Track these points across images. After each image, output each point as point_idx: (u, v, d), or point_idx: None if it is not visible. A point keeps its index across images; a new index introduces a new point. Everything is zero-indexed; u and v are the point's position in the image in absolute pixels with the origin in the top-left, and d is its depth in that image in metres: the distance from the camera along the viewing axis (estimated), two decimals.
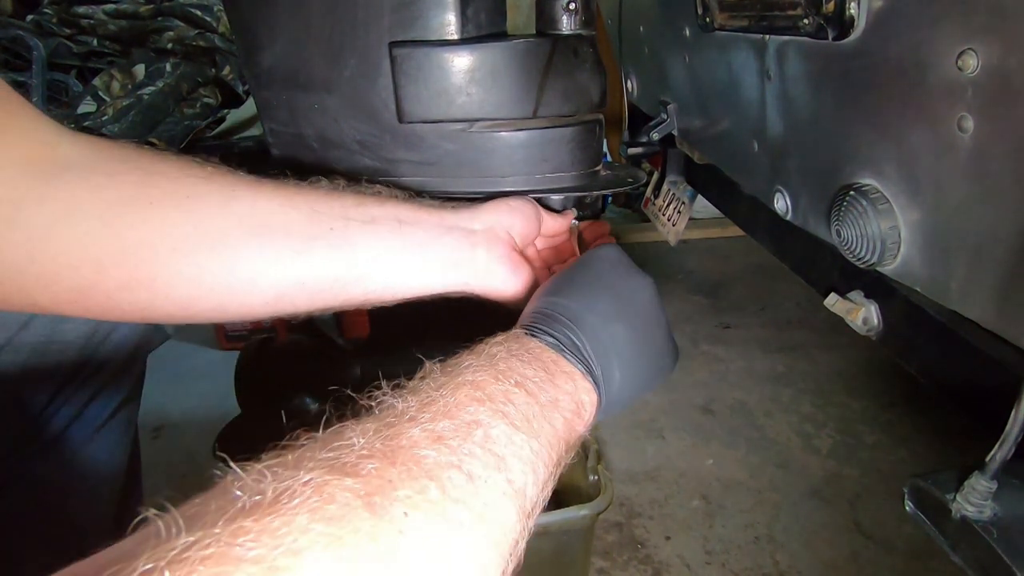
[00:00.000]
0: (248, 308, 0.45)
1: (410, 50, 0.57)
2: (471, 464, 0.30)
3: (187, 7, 2.13)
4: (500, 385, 0.35)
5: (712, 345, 1.69)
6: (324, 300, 0.48)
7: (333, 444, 0.28)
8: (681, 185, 1.12)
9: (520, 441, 0.33)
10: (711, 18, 0.65)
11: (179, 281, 0.42)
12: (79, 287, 0.40)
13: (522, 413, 0.34)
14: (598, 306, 0.44)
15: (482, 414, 0.33)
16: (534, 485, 0.33)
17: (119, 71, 2.02)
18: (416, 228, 0.50)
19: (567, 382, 0.39)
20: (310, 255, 0.45)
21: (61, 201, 0.39)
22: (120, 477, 0.71)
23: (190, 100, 2.04)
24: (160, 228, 0.41)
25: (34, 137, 0.40)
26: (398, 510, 0.25)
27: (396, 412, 0.31)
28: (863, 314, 0.56)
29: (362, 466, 0.26)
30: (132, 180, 0.41)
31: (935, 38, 0.39)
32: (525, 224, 0.55)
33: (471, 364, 0.37)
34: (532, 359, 0.39)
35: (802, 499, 1.20)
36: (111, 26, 2.14)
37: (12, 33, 2.03)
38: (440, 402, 0.32)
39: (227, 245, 0.43)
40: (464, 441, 0.31)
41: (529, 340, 0.41)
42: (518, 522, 0.31)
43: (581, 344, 0.42)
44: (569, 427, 0.38)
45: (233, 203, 0.44)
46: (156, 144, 1.91)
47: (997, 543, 0.36)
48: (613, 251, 0.49)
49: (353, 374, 0.72)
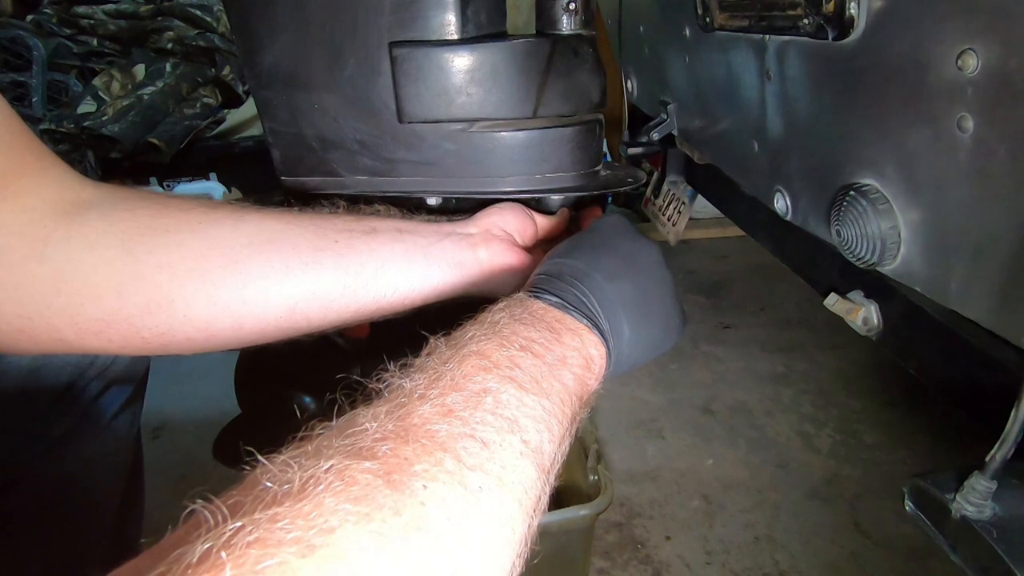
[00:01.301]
0: (264, 324, 0.47)
1: (410, 50, 0.57)
2: (484, 431, 0.31)
3: (187, 7, 2.13)
4: (505, 351, 0.36)
5: (712, 345, 1.69)
6: (337, 311, 0.49)
7: (348, 431, 0.29)
8: (681, 185, 1.12)
9: (531, 402, 0.34)
10: (711, 18, 0.65)
11: (196, 300, 0.44)
12: (102, 316, 0.42)
13: (530, 375, 0.35)
14: (602, 263, 0.44)
15: (490, 381, 0.33)
16: (550, 442, 0.34)
17: (119, 71, 2.02)
18: (416, 235, 0.52)
19: (573, 338, 0.40)
20: (318, 265, 0.47)
21: (84, 236, 0.42)
22: (123, 477, 0.71)
23: (190, 100, 2.04)
24: (176, 251, 0.43)
25: (61, 181, 0.43)
26: (417, 483, 0.27)
27: (405, 392, 0.32)
28: (863, 314, 0.56)
29: (377, 448, 0.28)
30: (149, 212, 0.44)
31: (935, 38, 0.39)
32: (519, 221, 0.57)
33: (474, 334, 0.37)
34: (535, 320, 0.39)
35: (802, 499, 1.20)
36: (111, 26, 2.14)
37: (12, 33, 2.03)
38: (447, 376, 0.33)
39: (238, 262, 0.45)
40: (475, 410, 0.31)
41: (532, 302, 0.42)
42: (538, 479, 0.32)
43: (587, 299, 0.42)
44: (580, 382, 0.39)
45: (242, 225, 0.46)
46: (156, 144, 1.91)
47: (997, 543, 0.36)
48: (617, 218, 0.50)
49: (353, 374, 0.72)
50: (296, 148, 0.65)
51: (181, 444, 1.36)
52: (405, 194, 0.65)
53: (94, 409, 0.64)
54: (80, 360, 0.62)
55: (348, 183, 0.66)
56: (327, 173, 0.66)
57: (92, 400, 0.63)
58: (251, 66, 0.63)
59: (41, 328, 0.42)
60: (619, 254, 0.46)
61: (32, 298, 0.41)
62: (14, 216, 0.40)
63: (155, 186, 2.10)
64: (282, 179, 0.68)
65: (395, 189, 0.65)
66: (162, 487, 1.20)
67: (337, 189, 0.66)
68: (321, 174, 0.66)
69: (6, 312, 0.41)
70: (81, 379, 0.62)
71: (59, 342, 0.43)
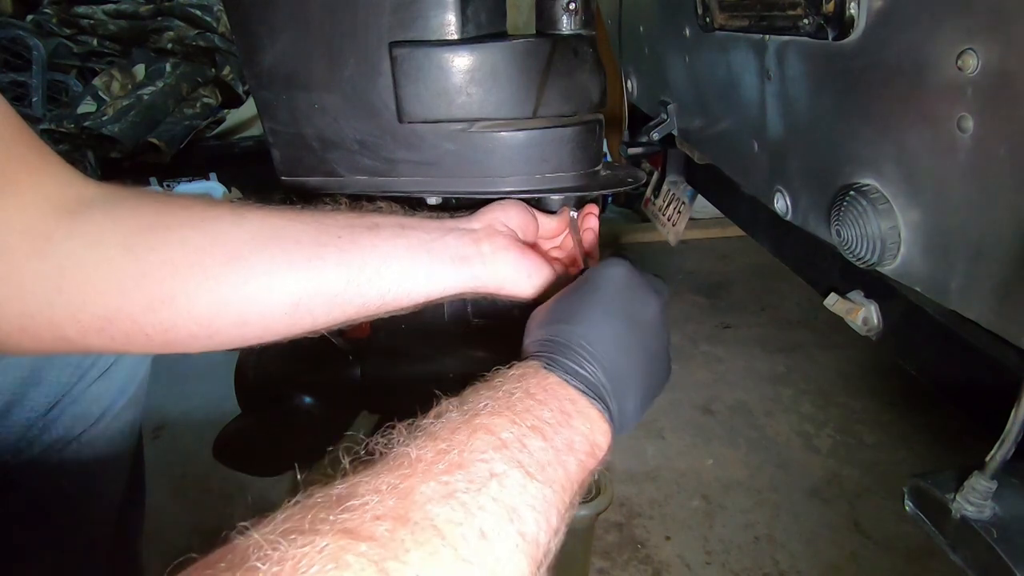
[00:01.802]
0: (268, 320, 0.47)
1: (410, 50, 0.57)
2: (483, 519, 0.30)
3: (187, 7, 2.13)
4: (516, 429, 0.35)
5: (712, 345, 1.69)
6: (341, 307, 0.49)
7: (347, 504, 0.28)
8: (681, 185, 1.12)
9: (534, 490, 0.33)
10: (711, 18, 0.65)
11: (199, 295, 0.44)
12: (105, 313, 0.42)
13: (537, 461, 0.34)
14: (611, 335, 0.43)
15: (497, 463, 0.33)
16: (546, 533, 0.33)
17: (119, 71, 2.02)
18: (419, 230, 0.52)
19: (584, 423, 0.39)
20: (321, 260, 0.47)
21: (86, 234, 0.42)
22: (123, 477, 0.71)
23: (190, 100, 2.04)
24: (179, 247, 0.43)
25: (63, 180, 0.43)
26: (410, 574, 0.26)
27: (410, 461, 0.31)
28: (863, 314, 0.56)
29: (375, 528, 0.27)
30: (151, 210, 0.44)
31: (935, 38, 0.39)
32: (521, 217, 0.57)
33: (487, 404, 0.36)
34: (549, 398, 0.38)
35: (802, 499, 1.20)
36: (111, 26, 2.14)
37: (12, 33, 2.03)
38: (455, 451, 0.32)
39: (241, 257, 0.45)
40: (477, 495, 0.31)
41: (547, 375, 0.40)
42: (530, 574, 0.32)
43: (601, 382, 0.41)
44: (582, 468, 0.38)
45: (244, 221, 0.46)
46: (156, 144, 1.91)
47: (997, 543, 0.36)
48: (622, 269, 0.48)
49: (353, 375, 0.72)
50: (296, 148, 0.65)
51: (181, 444, 1.36)
52: (405, 194, 0.65)
53: (94, 409, 0.64)
54: (81, 360, 0.62)
55: (348, 183, 0.66)
56: (327, 173, 0.66)
57: (92, 400, 0.63)
58: (251, 66, 0.63)
59: (43, 326, 0.42)
60: (628, 322, 0.44)
61: (34, 296, 0.41)
62: (16, 214, 0.40)
63: (155, 186, 2.10)
64: (282, 179, 0.68)
65: (395, 189, 0.65)
66: (162, 487, 1.20)
67: (337, 189, 0.66)
68: (321, 174, 0.66)
69: (8, 311, 0.41)
70: (82, 379, 0.62)
71: (62, 340, 0.43)
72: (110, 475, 0.68)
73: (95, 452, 0.64)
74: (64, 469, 0.62)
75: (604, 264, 0.49)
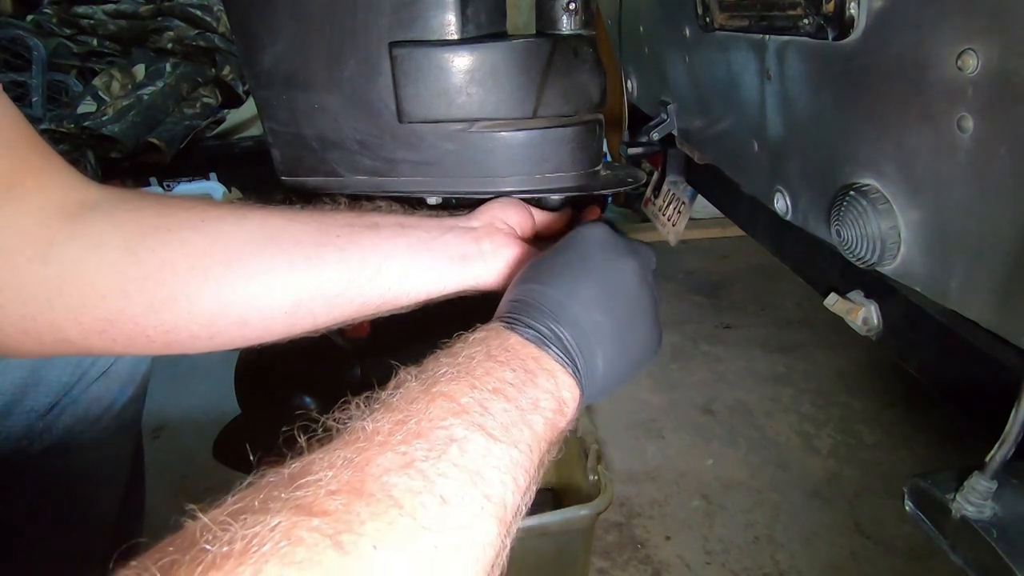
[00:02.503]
0: (268, 320, 0.47)
1: (410, 50, 0.57)
2: (444, 486, 0.29)
3: (187, 7, 2.13)
4: (477, 393, 0.34)
5: (712, 345, 1.69)
6: (341, 306, 0.49)
7: (300, 480, 0.27)
8: (681, 185, 1.12)
9: (499, 451, 0.33)
10: (711, 18, 0.65)
11: (200, 297, 0.44)
12: (106, 315, 0.42)
13: (499, 422, 0.34)
14: (581, 293, 0.42)
15: (457, 428, 0.32)
16: (514, 493, 0.33)
17: (119, 71, 2.02)
18: (418, 229, 0.52)
19: (548, 379, 0.38)
20: (321, 260, 0.47)
21: (88, 236, 0.42)
22: (123, 477, 0.71)
23: (190, 100, 2.04)
24: (179, 249, 0.44)
25: (66, 183, 0.44)
26: (366, 545, 0.25)
27: (366, 435, 0.31)
28: (863, 314, 0.56)
29: (329, 503, 0.26)
30: (152, 212, 0.45)
31: (935, 38, 0.39)
32: (519, 214, 0.58)
33: (447, 371, 0.36)
34: (511, 358, 0.38)
35: (802, 499, 1.20)
36: (111, 26, 2.14)
37: (12, 33, 2.03)
38: (413, 420, 0.32)
39: (241, 258, 0.45)
40: (437, 461, 0.30)
41: (509, 335, 0.40)
42: (498, 536, 0.31)
43: (563, 336, 0.40)
44: (551, 426, 0.37)
45: (244, 222, 0.47)
46: (156, 144, 1.90)
47: (997, 543, 0.36)
48: (599, 230, 0.48)
49: (353, 374, 0.72)
50: (296, 148, 0.65)
51: (181, 444, 1.36)
52: (405, 194, 0.65)
53: (94, 409, 0.64)
54: (81, 360, 0.62)
55: (348, 183, 0.66)
56: (327, 173, 0.66)
57: (92, 400, 0.63)
58: (251, 66, 0.63)
59: (45, 328, 0.42)
60: (598, 279, 0.44)
61: (36, 298, 0.41)
62: (20, 217, 0.41)
63: (155, 186, 2.10)
64: (282, 179, 0.68)
65: (395, 189, 0.65)
66: (162, 487, 1.20)
67: (337, 189, 0.66)
68: (321, 174, 0.66)
69: (10, 313, 0.41)
70: (82, 379, 0.62)
71: (63, 342, 0.43)
72: (110, 475, 0.68)
73: (95, 452, 0.65)
74: (64, 469, 0.62)
75: (582, 227, 0.48)
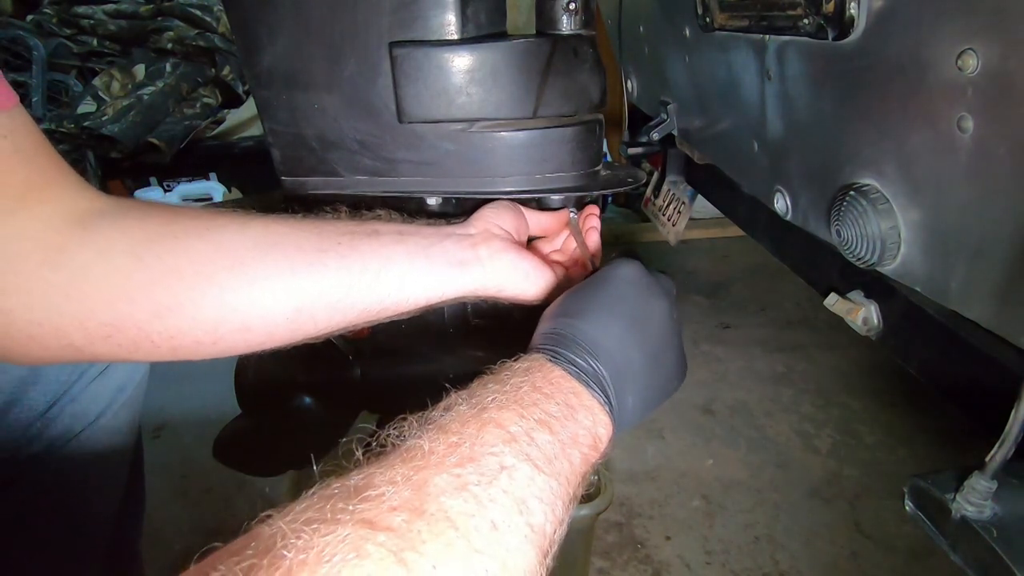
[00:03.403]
0: (271, 326, 0.48)
1: (410, 50, 0.57)
2: (494, 511, 0.31)
3: (187, 7, 2.13)
4: (524, 423, 0.36)
5: (712, 345, 1.69)
6: (343, 311, 0.50)
7: (364, 493, 0.29)
8: (681, 185, 1.12)
9: (542, 483, 0.34)
10: (711, 18, 0.65)
11: (205, 302, 0.45)
12: (112, 321, 0.43)
13: (544, 454, 0.35)
14: (616, 332, 0.44)
15: (506, 456, 0.34)
16: (552, 523, 0.34)
17: (119, 71, 2.02)
18: (417, 236, 0.53)
19: (587, 416, 0.40)
20: (322, 266, 0.48)
21: (96, 243, 0.43)
22: (123, 477, 0.71)
23: (190, 100, 2.04)
24: (185, 256, 0.45)
25: (76, 192, 0.45)
26: (427, 565, 0.28)
27: (423, 453, 0.32)
28: (863, 314, 0.56)
29: (392, 519, 0.28)
30: (158, 220, 0.46)
31: (935, 38, 0.39)
32: (514, 219, 0.58)
33: (495, 398, 0.37)
34: (555, 391, 0.39)
35: (802, 499, 1.20)
36: (111, 26, 2.14)
37: (12, 33, 2.03)
38: (466, 444, 0.34)
39: (245, 264, 0.46)
40: (488, 487, 0.32)
41: (552, 369, 0.41)
42: (539, 564, 0.32)
43: (601, 373, 0.42)
44: (585, 461, 0.39)
45: (247, 229, 0.47)
46: (156, 144, 1.91)
47: (997, 543, 0.36)
48: (632, 268, 0.49)
49: (353, 375, 0.72)
50: (296, 148, 0.65)
51: (181, 444, 1.36)
52: (405, 194, 0.65)
53: (93, 408, 0.64)
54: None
55: (348, 183, 0.66)
56: (327, 173, 0.66)
57: (91, 399, 0.63)
58: (251, 66, 0.63)
59: (51, 334, 0.42)
60: (632, 317, 0.46)
61: (43, 304, 0.42)
62: (31, 224, 0.42)
63: (155, 186, 2.10)
64: (282, 179, 0.68)
65: (395, 189, 0.65)
66: (162, 487, 1.20)
67: (337, 189, 0.66)
68: (321, 174, 0.66)
69: (16, 318, 0.42)
70: (81, 378, 0.62)
71: (68, 347, 0.43)
72: (109, 474, 0.68)
73: (94, 451, 0.64)
74: (63, 468, 0.62)
75: (615, 263, 0.50)
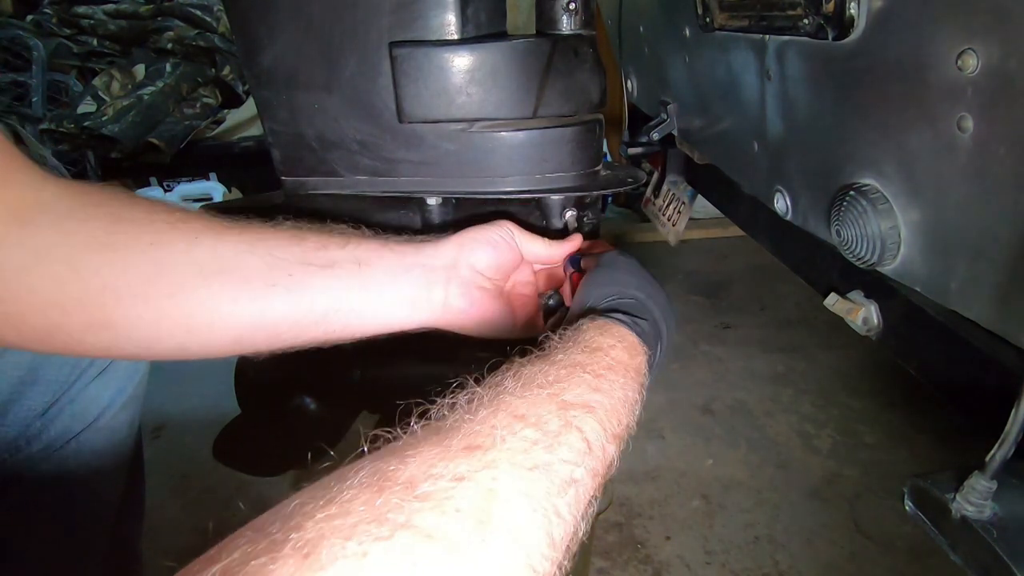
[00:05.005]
0: (209, 348, 0.47)
1: (410, 50, 0.57)
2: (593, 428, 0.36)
3: (187, 7, 2.13)
4: (605, 379, 0.40)
5: (712, 345, 1.69)
6: (284, 341, 0.49)
7: (526, 381, 0.36)
8: (681, 185, 1.12)
9: (614, 422, 0.39)
10: (711, 18, 0.65)
11: (140, 324, 0.44)
12: (45, 328, 0.42)
13: (615, 397, 0.40)
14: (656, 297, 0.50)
15: (593, 398, 0.38)
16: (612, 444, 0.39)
17: (119, 71, 2.02)
18: (374, 269, 0.51)
19: (640, 362, 0.45)
20: (267, 300, 0.47)
21: (35, 246, 0.41)
22: (122, 477, 0.71)
23: (190, 100, 2.04)
24: (123, 274, 0.43)
25: (21, 182, 0.42)
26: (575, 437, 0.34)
27: (548, 383, 0.37)
28: (863, 314, 0.56)
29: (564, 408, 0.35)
30: (101, 225, 0.43)
31: (935, 38, 0.39)
32: (492, 257, 0.55)
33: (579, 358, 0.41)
34: (629, 347, 0.44)
35: (802, 499, 1.20)
36: (111, 26, 2.14)
37: (12, 33, 2.03)
38: (579, 372, 0.39)
39: (185, 291, 0.44)
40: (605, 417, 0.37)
41: (628, 332, 0.45)
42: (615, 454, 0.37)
43: (656, 332, 0.48)
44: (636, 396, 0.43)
45: (195, 249, 0.45)
46: (156, 144, 1.91)
47: (997, 543, 0.36)
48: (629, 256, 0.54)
49: (353, 375, 0.72)
50: (296, 148, 0.65)
51: (181, 444, 1.36)
52: (405, 194, 0.65)
53: (92, 408, 0.64)
54: (79, 360, 0.62)
55: (348, 183, 0.66)
56: (327, 173, 0.66)
57: (90, 399, 0.63)
58: (251, 66, 0.63)
59: None
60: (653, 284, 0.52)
61: None
62: None
63: (155, 186, 2.10)
64: (282, 179, 0.68)
65: (395, 189, 0.65)
66: (162, 487, 1.20)
67: (337, 189, 0.66)
68: (321, 174, 0.66)
69: None
70: (80, 378, 0.62)
71: (2, 342, 0.43)
72: (109, 474, 0.68)
73: (93, 451, 0.64)
74: (62, 468, 0.62)
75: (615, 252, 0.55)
